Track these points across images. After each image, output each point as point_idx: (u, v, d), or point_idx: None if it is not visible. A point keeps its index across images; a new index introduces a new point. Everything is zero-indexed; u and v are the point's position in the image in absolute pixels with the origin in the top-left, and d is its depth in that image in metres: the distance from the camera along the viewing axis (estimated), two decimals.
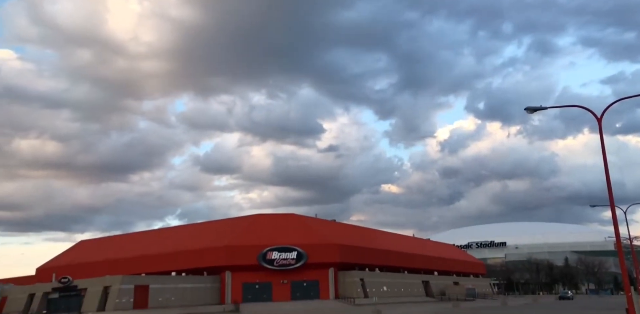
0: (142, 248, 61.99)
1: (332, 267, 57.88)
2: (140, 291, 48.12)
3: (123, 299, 46.38)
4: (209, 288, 54.31)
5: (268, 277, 55.30)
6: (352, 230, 73.14)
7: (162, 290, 49.77)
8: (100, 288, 47.95)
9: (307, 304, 51.20)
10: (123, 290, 46.88)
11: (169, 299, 49.75)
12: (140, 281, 49.23)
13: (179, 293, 51.02)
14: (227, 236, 57.97)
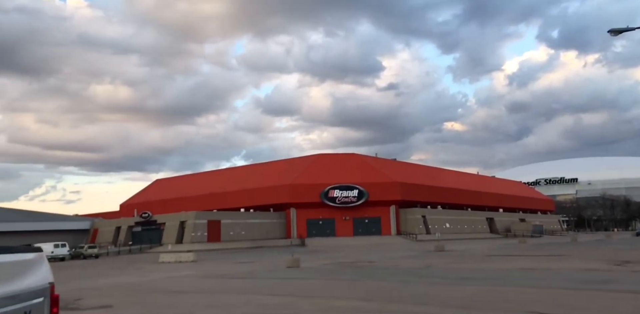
0: (212, 187, 66.12)
1: (393, 204, 58.95)
2: (212, 225, 52.12)
3: (198, 232, 50.61)
4: (276, 224, 57.70)
5: (331, 214, 57.56)
6: (414, 168, 73.03)
7: (232, 225, 53.55)
8: (177, 223, 52.45)
9: (369, 240, 53.20)
10: (197, 225, 51.02)
11: (240, 234, 53.60)
12: (213, 216, 53.14)
13: (248, 228, 54.71)
14: (291, 175, 60.16)
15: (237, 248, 48.33)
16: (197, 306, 10.55)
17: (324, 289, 12.95)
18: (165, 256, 31.74)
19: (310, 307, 9.61)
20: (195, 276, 19.24)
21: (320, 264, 22.93)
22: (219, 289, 13.93)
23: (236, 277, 18.00)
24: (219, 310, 9.76)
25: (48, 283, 2.04)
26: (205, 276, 18.94)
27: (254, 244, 50.64)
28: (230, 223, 53.54)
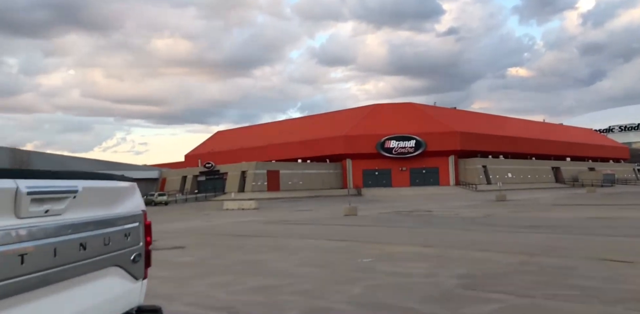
0: (271, 138, 67.61)
1: (452, 155, 57.77)
2: (272, 175, 53.91)
3: (258, 182, 52.63)
4: (332, 174, 58.67)
5: (387, 164, 57.52)
6: (474, 117, 70.32)
7: (290, 175, 55.08)
8: (238, 173, 54.68)
9: (426, 190, 53.02)
10: (257, 175, 52.95)
11: (297, 183, 55.17)
12: (271, 167, 54.80)
13: (306, 178, 56.09)
14: (347, 126, 60.07)
15: (295, 197, 49.97)
16: (262, 247, 11.18)
17: (383, 235, 13.21)
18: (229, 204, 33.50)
19: (370, 251, 9.86)
20: (258, 222, 20.25)
21: (377, 213, 23.30)
22: (281, 233, 14.61)
23: (296, 223, 18.75)
24: (282, 252, 10.28)
25: (141, 210, 2.19)
26: (268, 222, 19.88)
27: (311, 193, 52.09)
28: (289, 173, 55.08)
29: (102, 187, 1.94)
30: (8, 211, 1.45)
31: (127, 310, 2.19)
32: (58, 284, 1.64)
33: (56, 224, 1.65)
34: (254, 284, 6.87)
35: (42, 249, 1.56)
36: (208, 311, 5.47)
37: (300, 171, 56.35)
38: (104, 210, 1.95)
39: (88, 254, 1.79)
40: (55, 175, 1.66)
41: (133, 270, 2.14)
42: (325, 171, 58.38)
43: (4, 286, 1.41)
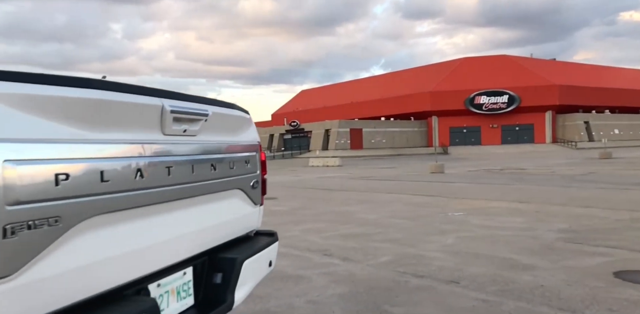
0: (353, 96, 67.18)
1: (549, 110, 53.56)
2: (355, 133, 54.01)
3: (341, 140, 53.09)
4: (417, 132, 57.38)
5: (476, 121, 54.90)
6: (576, 68, 63.81)
7: (373, 133, 54.79)
8: (322, 131, 55.44)
9: (519, 148, 50.10)
10: (340, 133, 53.33)
11: (380, 142, 54.83)
12: (354, 125, 54.80)
13: (389, 136, 55.50)
14: (433, 82, 57.70)
15: (378, 155, 49.86)
16: (349, 200, 11.46)
17: (472, 191, 12.86)
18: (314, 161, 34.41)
19: (460, 206, 9.69)
20: (343, 178, 20.64)
21: (465, 171, 22.61)
22: (367, 188, 14.80)
23: (381, 179, 18.84)
24: (370, 204, 10.45)
25: (257, 141, 2.31)
26: (352, 178, 20.19)
27: (395, 152, 51.61)
28: (371, 131, 54.80)
29: (226, 114, 2.07)
30: (156, 127, 1.60)
31: (247, 232, 2.37)
32: (194, 198, 1.81)
33: (193, 144, 1.79)
34: (345, 232, 7.11)
35: (183, 164, 1.71)
36: (304, 252, 5.78)
37: (383, 129, 55.80)
38: (228, 136, 2.08)
39: (217, 174, 1.95)
40: (190, 98, 1.79)
41: (252, 195, 2.30)
42: (410, 129, 57.22)
43: (156, 193, 1.58)
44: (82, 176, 1.30)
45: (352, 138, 53.68)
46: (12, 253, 1.11)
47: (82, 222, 1.29)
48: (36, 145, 1.19)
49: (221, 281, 1.95)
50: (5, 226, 1.09)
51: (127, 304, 1.44)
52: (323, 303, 3.91)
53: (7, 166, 1.10)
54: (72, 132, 1.29)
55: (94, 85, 1.36)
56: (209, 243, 1.99)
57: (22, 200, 1.13)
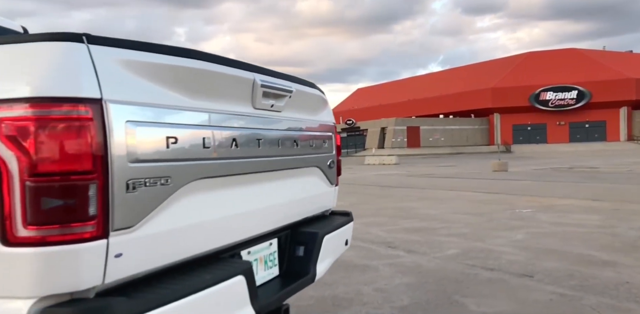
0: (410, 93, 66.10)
1: (624, 106, 49.95)
2: (412, 131, 53.12)
3: (397, 138, 52.41)
4: (477, 130, 55.53)
5: (541, 118, 52.29)
6: None
7: (431, 131, 53.62)
8: (378, 129, 55.01)
9: (589, 146, 47.17)
10: (397, 131, 52.66)
11: (439, 140, 53.56)
12: (411, 123, 53.93)
13: (448, 134, 54.08)
14: (495, 78, 55.59)
15: (436, 153, 48.73)
16: (408, 196, 11.31)
17: (540, 189, 12.28)
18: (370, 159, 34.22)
19: (527, 203, 9.29)
20: (400, 175, 20.39)
21: (530, 169, 21.62)
22: (427, 185, 14.53)
23: (441, 177, 18.42)
24: (431, 201, 10.26)
25: (333, 122, 2.35)
26: (410, 175, 19.89)
27: (454, 150, 50.21)
28: (429, 129, 53.67)
29: (307, 92, 2.12)
30: (247, 100, 1.68)
31: (323, 211, 2.42)
32: (279, 172, 1.87)
33: (278, 119, 1.86)
34: (407, 226, 7.04)
35: (270, 138, 1.78)
36: (368, 244, 5.79)
37: (441, 127, 54.47)
38: (308, 115, 2.14)
39: (299, 151, 2.00)
40: (276, 74, 1.86)
41: (329, 174, 2.34)
42: (470, 127, 55.46)
43: (248, 163, 1.66)
44: (188, 141, 1.39)
45: (409, 136, 52.81)
46: (134, 206, 1.21)
47: (187, 184, 1.38)
48: (151, 109, 1.28)
49: (303, 254, 2.01)
50: (128, 181, 1.19)
51: (226, 265, 1.52)
52: (391, 292, 3.90)
53: (129, 126, 1.20)
54: (179, 99, 1.39)
55: (196, 56, 1.45)
56: (291, 217, 2.05)
57: (140, 158, 1.23)
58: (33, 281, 1.07)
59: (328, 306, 3.61)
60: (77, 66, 1.13)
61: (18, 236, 1.07)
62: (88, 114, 1.12)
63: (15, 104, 1.08)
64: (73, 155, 1.10)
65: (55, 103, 1.09)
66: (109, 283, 1.18)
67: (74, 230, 1.10)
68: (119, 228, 1.18)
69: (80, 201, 1.10)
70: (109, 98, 1.16)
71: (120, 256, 1.18)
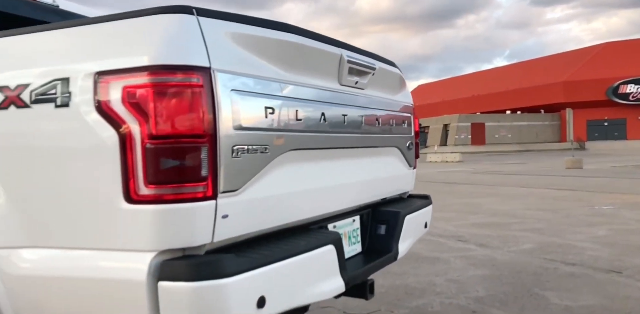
0: (475, 89, 63.86)
1: None
2: (476, 128, 51.26)
3: (461, 135, 50.79)
4: (547, 126, 52.61)
5: (620, 113, 48.60)
6: None
7: (498, 128, 51.48)
8: (440, 126, 53.59)
9: None
10: (460, 127, 51.03)
11: (505, 137, 51.31)
12: (476, 119, 52.06)
13: (515, 131, 51.68)
14: (567, 71, 52.37)
15: (503, 151, 46.71)
16: (475, 193, 10.95)
17: (622, 185, 11.44)
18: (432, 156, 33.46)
19: (607, 200, 8.69)
20: (465, 172, 19.77)
21: (608, 167, 20.20)
22: (494, 182, 13.99)
23: (509, 174, 17.67)
24: (500, 197, 9.88)
25: (411, 103, 2.34)
26: (476, 172, 19.23)
27: (521, 147, 47.86)
28: (495, 126, 51.54)
29: (389, 71, 2.13)
30: (334, 76, 1.71)
31: (402, 193, 2.41)
32: (361, 150, 1.89)
33: (361, 96, 1.88)
34: (476, 221, 6.83)
35: (355, 115, 1.81)
36: (437, 237, 5.68)
37: (508, 124, 52.10)
38: (389, 94, 2.14)
39: (380, 130, 2.01)
40: (360, 50, 1.88)
41: (408, 156, 2.33)
42: (539, 123, 52.63)
43: (335, 138, 1.69)
44: (283, 112, 1.44)
45: (474, 133, 51.00)
46: (238, 171, 1.28)
47: (282, 154, 1.44)
48: (252, 80, 1.35)
49: (385, 232, 2.01)
50: (233, 146, 1.26)
51: (316, 235, 1.56)
52: (465, 283, 3.81)
53: (234, 95, 1.27)
54: (276, 72, 1.44)
55: (293, 30, 1.50)
56: (372, 196, 2.07)
57: (243, 126, 1.29)
58: (153, 236, 1.17)
59: (400, 294, 3.59)
60: (189, 37, 1.21)
61: (140, 194, 1.16)
62: (199, 82, 1.19)
63: (136, 73, 1.18)
64: (187, 119, 1.18)
65: (170, 71, 1.17)
66: (217, 242, 1.25)
67: (188, 189, 1.18)
68: (226, 191, 1.25)
69: (194, 162, 1.17)
70: (217, 67, 1.23)
71: (226, 217, 1.25)
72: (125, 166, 1.17)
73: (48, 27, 1.32)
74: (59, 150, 1.25)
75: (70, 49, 1.28)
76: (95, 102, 1.19)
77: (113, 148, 1.17)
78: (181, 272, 1.14)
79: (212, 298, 1.14)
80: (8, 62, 1.33)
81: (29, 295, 1.27)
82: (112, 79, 1.19)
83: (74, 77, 1.22)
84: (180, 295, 1.13)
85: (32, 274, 1.27)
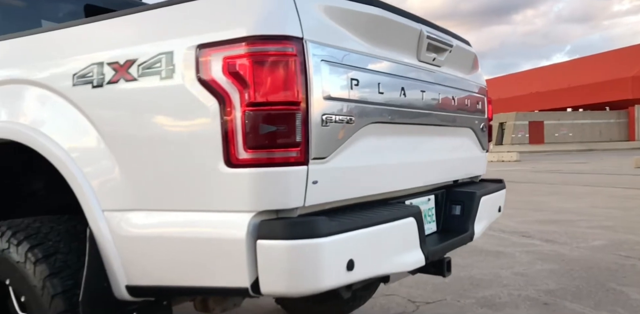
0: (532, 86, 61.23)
1: None
2: (534, 126, 49.14)
3: (518, 134, 48.85)
4: (613, 124, 49.53)
5: None
6: None
7: (558, 126, 49.11)
8: (496, 124, 51.81)
9: None
10: (517, 126, 49.10)
11: (566, 135, 48.84)
12: (534, 117, 49.92)
13: (577, 129, 49.08)
14: (637, 65, 49.11)
15: (563, 150, 44.45)
16: (536, 191, 10.51)
17: None
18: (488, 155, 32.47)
19: None
20: (523, 171, 19.03)
21: None
22: (555, 181, 13.37)
23: (572, 173, 16.82)
24: (564, 196, 9.44)
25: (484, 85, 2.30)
26: (535, 171, 18.46)
27: (584, 147, 45.33)
28: (555, 124, 49.19)
29: (465, 49, 2.11)
30: (413, 52, 1.72)
31: (474, 176, 2.37)
32: (437, 128, 1.89)
33: (438, 73, 1.88)
34: (540, 218, 6.58)
35: (432, 92, 1.81)
36: (498, 233, 5.52)
37: (569, 122, 49.55)
38: (463, 73, 2.12)
39: (456, 108, 2.00)
40: (438, 27, 1.88)
41: (481, 138, 2.30)
42: (604, 121, 49.64)
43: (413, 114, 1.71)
44: (367, 84, 1.47)
45: (532, 132, 48.89)
46: (326, 139, 1.33)
47: (365, 126, 1.47)
48: (340, 51, 1.39)
49: (460, 212, 2.00)
50: (322, 115, 1.30)
51: (398, 207, 1.59)
52: (533, 276, 3.69)
53: (323, 65, 1.32)
54: (361, 44, 1.48)
55: (376, 3, 1.53)
56: (448, 176, 2.06)
57: (332, 96, 1.34)
58: (252, 198, 1.23)
59: (465, 285, 3.53)
60: (283, 8, 1.27)
61: (240, 159, 1.23)
62: (293, 51, 1.25)
63: (234, 44, 1.25)
64: (283, 87, 1.23)
65: (267, 41, 1.23)
66: (307, 206, 1.30)
67: (283, 154, 1.24)
68: (316, 157, 1.30)
69: (289, 128, 1.23)
70: (309, 38, 1.28)
71: (316, 183, 1.30)
72: (226, 132, 1.24)
73: (153, 6, 1.43)
74: (164, 119, 1.35)
75: (173, 24, 1.38)
76: (197, 73, 1.28)
77: (214, 116, 1.25)
78: (279, 231, 1.20)
79: (307, 256, 1.19)
80: (118, 41, 1.44)
81: (137, 255, 1.38)
82: (213, 51, 1.26)
83: (177, 51, 1.31)
84: (277, 253, 1.19)
85: (140, 235, 1.37)
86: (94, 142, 1.43)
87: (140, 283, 1.38)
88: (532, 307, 3.04)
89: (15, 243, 1.43)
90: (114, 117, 1.42)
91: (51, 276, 1.38)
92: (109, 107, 1.42)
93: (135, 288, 1.39)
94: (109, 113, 1.42)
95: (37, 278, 1.38)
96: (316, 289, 1.23)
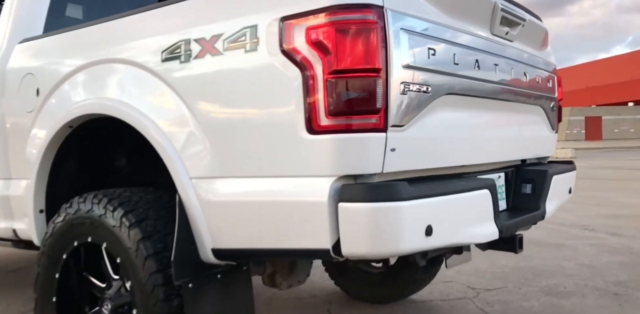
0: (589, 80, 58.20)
1: None
2: (591, 122, 46.71)
3: (574, 130, 46.58)
4: None
5: None
6: None
7: (618, 121, 46.46)
8: None
9: None
10: (572, 122, 46.80)
11: (627, 131, 46.14)
12: (591, 112, 47.44)
13: (638, 125, 46.26)
14: None
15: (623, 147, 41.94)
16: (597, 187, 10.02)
17: None
18: None
19: None
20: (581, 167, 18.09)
21: None
22: (617, 177, 12.68)
23: (635, 169, 15.89)
24: (626, 191, 8.98)
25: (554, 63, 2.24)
26: (594, 167, 17.56)
27: None
28: (614, 120, 46.55)
29: (537, 24, 2.07)
30: (486, 25, 1.71)
31: (542, 157, 2.31)
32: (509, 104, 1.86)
33: (511, 48, 1.85)
34: (603, 212, 6.29)
35: (504, 66, 1.78)
36: (558, 226, 5.33)
37: (631, 117, 46.73)
38: (534, 49, 2.08)
39: (528, 85, 1.96)
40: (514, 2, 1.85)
41: (551, 118, 2.24)
42: None
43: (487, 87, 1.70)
44: (443, 54, 1.48)
45: (588, 128, 46.50)
46: (405, 107, 1.35)
47: (440, 97, 1.47)
48: (417, 20, 1.40)
49: (531, 191, 1.96)
50: (401, 83, 1.32)
51: (473, 180, 1.58)
52: (599, 268, 3.54)
53: (402, 34, 1.34)
54: (438, 14, 1.48)
55: None
56: (518, 154, 2.02)
57: (410, 64, 1.35)
58: (333, 163, 1.27)
59: (527, 274, 3.44)
60: None
61: (321, 125, 1.27)
62: (374, 19, 1.27)
63: (317, 14, 1.29)
64: (364, 55, 1.26)
65: (348, 10, 1.27)
66: (386, 173, 1.33)
67: (363, 120, 1.27)
68: (395, 125, 1.32)
69: (369, 95, 1.26)
70: (389, 6, 1.30)
71: (394, 150, 1.32)
72: (308, 100, 1.28)
73: None
74: (249, 90, 1.41)
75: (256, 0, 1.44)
76: (281, 44, 1.33)
77: (297, 85, 1.30)
78: (360, 194, 1.23)
79: (388, 218, 1.21)
80: (204, 17, 1.52)
81: (223, 219, 1.45)
82: (296, 22, 1.31)
83: (261, 24, 1.37)
84: (359, 215, 1.22)
85: (227, 200, 1.44)
86: (182, 114, 1.51)
87: (225, 246, 1.45)
88: (602, 296, 2.92)
89: (111, 209, 1.54)
90: (200, 89, 1.50)
91: (144, 239, 1.48)
92: (196, 80, 1.50)
93: (220, 251, 1.46)
94: (196, 87, 1.50)
95: (131, 241, 1.48)
96: (396, 251, 1.25)
